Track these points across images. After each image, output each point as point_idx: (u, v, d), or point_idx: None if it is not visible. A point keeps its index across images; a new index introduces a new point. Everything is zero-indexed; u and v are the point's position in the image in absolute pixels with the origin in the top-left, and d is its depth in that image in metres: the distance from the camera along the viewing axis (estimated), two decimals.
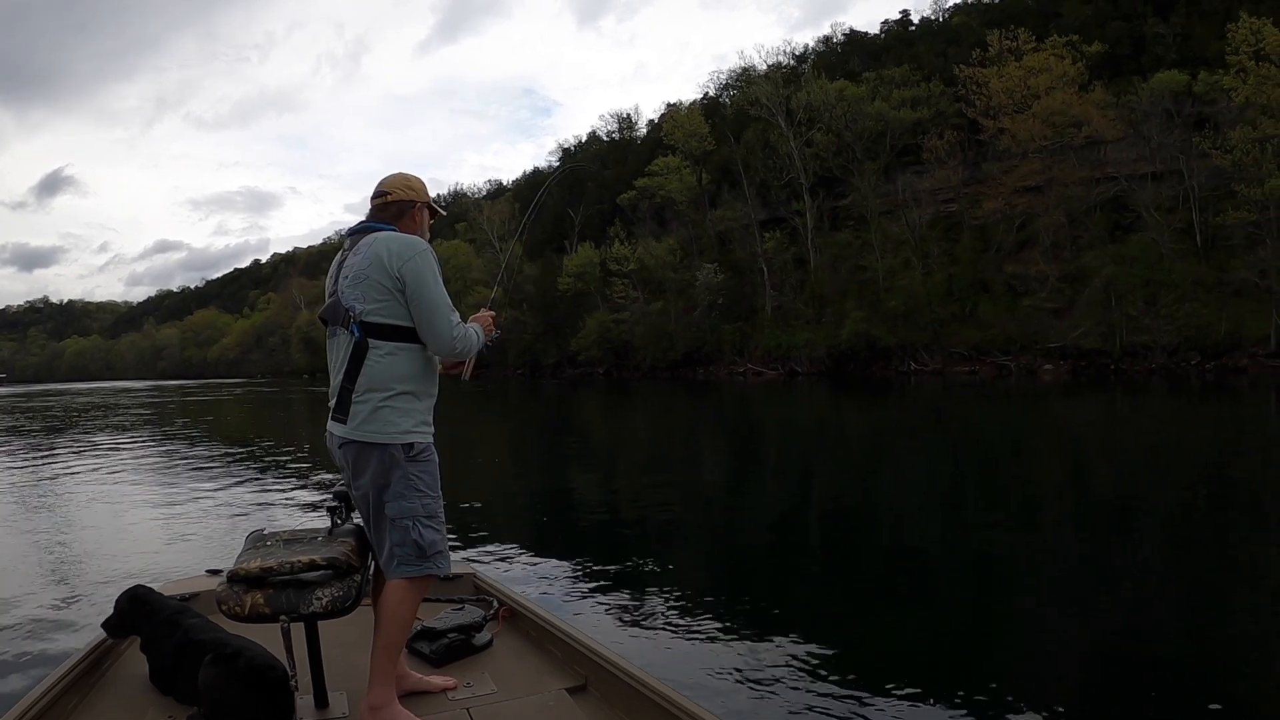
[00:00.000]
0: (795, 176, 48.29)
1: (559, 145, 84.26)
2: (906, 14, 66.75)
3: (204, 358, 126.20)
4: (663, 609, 4.83)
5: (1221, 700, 3.50)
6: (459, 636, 2.81)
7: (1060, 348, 37.32)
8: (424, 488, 2.37)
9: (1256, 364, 33.12)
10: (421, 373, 2.44)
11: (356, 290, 2.37)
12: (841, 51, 63.41)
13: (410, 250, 2.38)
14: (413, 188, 2.61)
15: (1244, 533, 6.96)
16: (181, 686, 2.44)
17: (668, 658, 4.01)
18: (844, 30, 66.18)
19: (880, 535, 7.31)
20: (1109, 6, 50.50)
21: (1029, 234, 40.99)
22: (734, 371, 47.78)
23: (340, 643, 2.71)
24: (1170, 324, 35.39)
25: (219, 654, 2.32)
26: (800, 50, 63.53)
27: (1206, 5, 44.28)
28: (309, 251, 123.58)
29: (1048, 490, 9.51)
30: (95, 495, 9.82)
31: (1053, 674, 3.93)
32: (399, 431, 2.34)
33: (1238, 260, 34.95)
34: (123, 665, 2.78)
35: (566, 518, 8.36)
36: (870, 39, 64.90)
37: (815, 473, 11.63)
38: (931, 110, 45.83)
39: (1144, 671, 3.90)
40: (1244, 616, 4.77)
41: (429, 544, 2.34)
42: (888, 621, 4.76)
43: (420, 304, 2.35)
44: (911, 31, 63.62)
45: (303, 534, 2.52)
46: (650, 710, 2.24)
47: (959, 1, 61.00)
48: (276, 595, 2.22)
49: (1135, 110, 38.80)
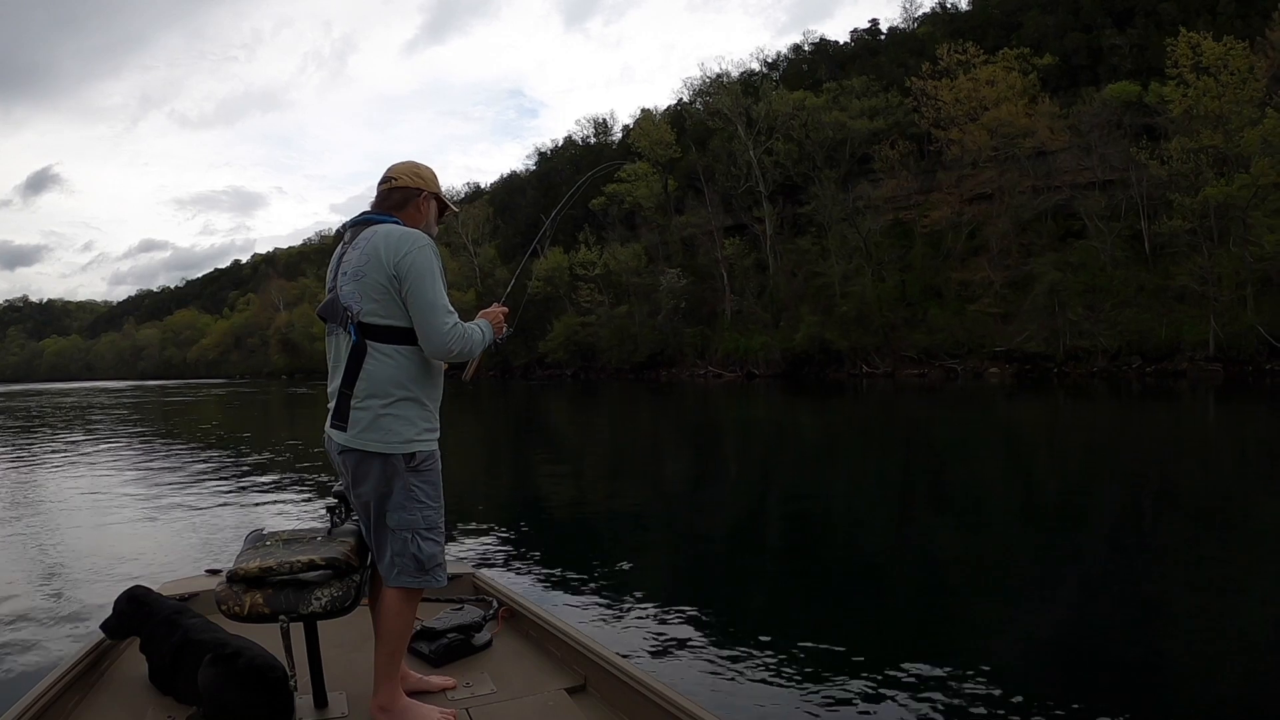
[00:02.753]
0: (754, 185, 49.18)
1: (536, 149, 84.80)
2: (875, 23, 68.02)
3: (183, 358, 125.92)
4: (662, 609, 4.83)
5: (1163, 690, 3.72)
6: (458, 636, 2.81)
7: (1006, 351, 38.37)
8: (425, 498, 2.32)
9: (1195, 368, 34.00)
10: (424, 376, 2.34)
11: (354, 288, 2.28)
12: (811, 60, 64.47)
13: (408, 244, 2.26)
14: (421, 176, 2.48)
15: (1180, 528, 7.27)
16: (181, 686, 2.43)
17: (667, 658, 4.03)
18: (814, 39, 67.26)
19: (861, 536, 7.36)
20: (1070, 18, 51.61)
21: (980, 241, 41.99)
22: (695, 373, 48.76)
23: (339, 643, 2.70)
24: (1112, 329, 36.36)
25: (218, 654, 2.32)
26: (772, 58, 64.64)
27: (1164, 16, 45.36)
28: (289, 252, 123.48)
29: (994, 489, 9.74)
30: (92, 495, 9.70)
31: (1006, 664, 4.03)
32: (401, 441, 2.27)
33: (1180, 266, 35.93)
34: (122, 665, 2.77)
35: (563, 518, 8.36)
36: (840, 48, 65.98)
37: (786, 474, 11.80)
38: (889, 120, 46.78)
39: (1088, 661, 4.04)
40: (1182, 609, 4.97)
41: (427, 557, 2.31)
42: (887, 621, 4.84)
43: (415, 303, 2.24)
44: (880, 40, 64.77)
45: (302, 534, 2.51)
46: (649, 710, 2.24)
47: (928, 11, 62.25)
48: (276, 595, 2.23)
49: (1082, 121, 39.80)
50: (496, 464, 13.91)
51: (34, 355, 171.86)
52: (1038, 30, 50.87)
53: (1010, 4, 55.25)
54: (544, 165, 76.17)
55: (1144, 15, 47.62)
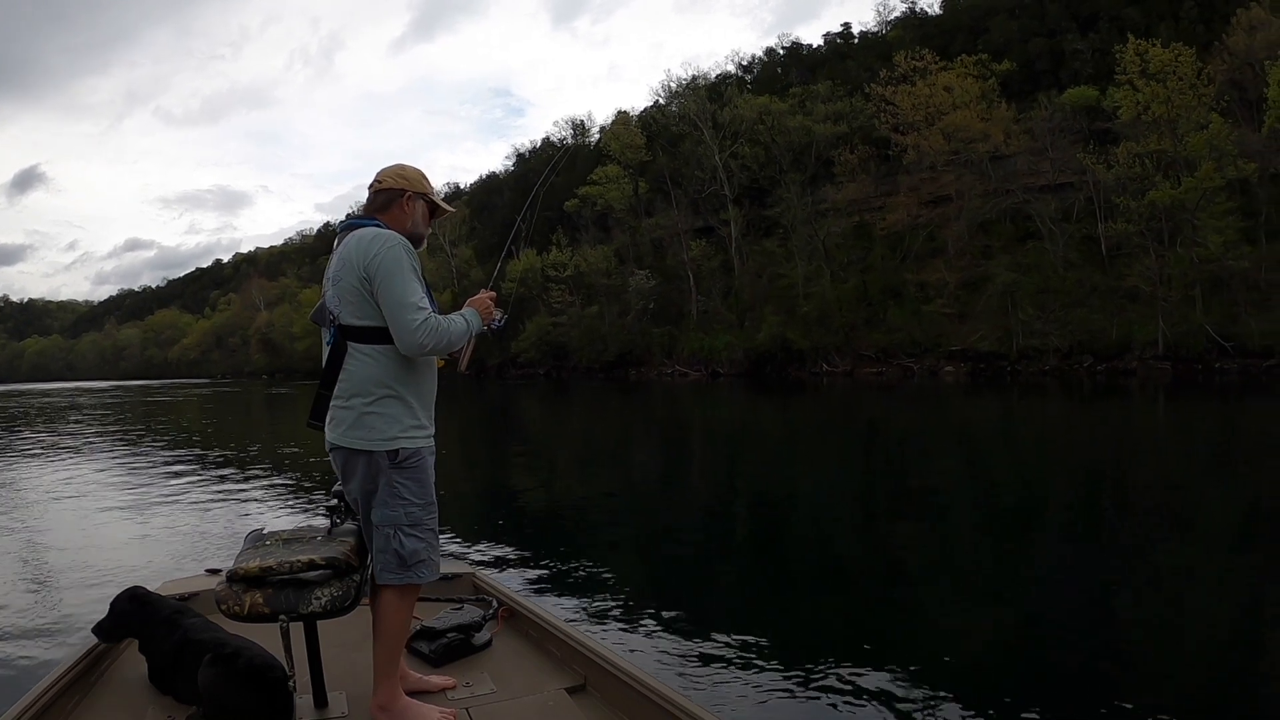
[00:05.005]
0: (719, 188, 49.95)
1: (514, 150, 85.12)
2: (848, 26, 68.79)
3: (165, 358, 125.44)
4: (662, 608, 4.86)
5: (1117, 682, 3.77)
6: (458, 636, 2.83)
7: (961, 350, 39.19)
8: (409, 495, 2.32)
9: (1145, 366, 34.84)
10: (407, 374, 2.35)
11: (334, 292, 2.33)
12: (784, 64, 65.20)
13: (378, 245, 2.28)
14: (405, 176, 2.50)
15: (1130, 523, 7.47)
16: (181, 686, 2.44)
17: (667, 657, 4.04)
18: (787, 43, 67.99)
19: (848, 536, 7.46)
20: (1035, 22, 52.49)
21: (940, 243, 42.79)
22: (662, 372, 49.52)
23: (339, 642, 2.70)
24: (1063, 328, 37.21)
25: (218, 654, 2.33)
26: (747, 61, 65.38)
27: (1127, 21, 46.21)
28: (270, 252, 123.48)
29: (951, 485, 9.92)
30: (90, 496, 9.64)
31: (966, 660, 4.16)
32: (384, 438, 2.30)
33: (1131, 268, 36.75)
34: (122, 665, 2.77)
35: (562, 518, 8.37)
36: (813, 51, 66.69)
37: (766, 473, 11.82)
38: (853, 125, 47.58)
39: (1044, 653, 4.18)
40: (1134, 602, 5.11)
41: (409, 553, 2.31)
42: (881, 619, 4.92)
43: (385, 300, 2.26)
44: (853, 44, 65.49)
45: (302, 533, 2.52)
46: (649, 710, 2.25)
47: (899, 15, 63.06)
48: (276, 595, 2.23)
49: (1036, 125, 40.62)
50: (487, 463, 13.86)
51: (15, 355, 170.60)
52: (1003, 35, 51.75)
53: (978, 9, 56.17)
54: (522, 166, 76.47)
55: (1108, 20, 48.46)
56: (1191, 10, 46.53)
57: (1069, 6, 51.28)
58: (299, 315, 79.21)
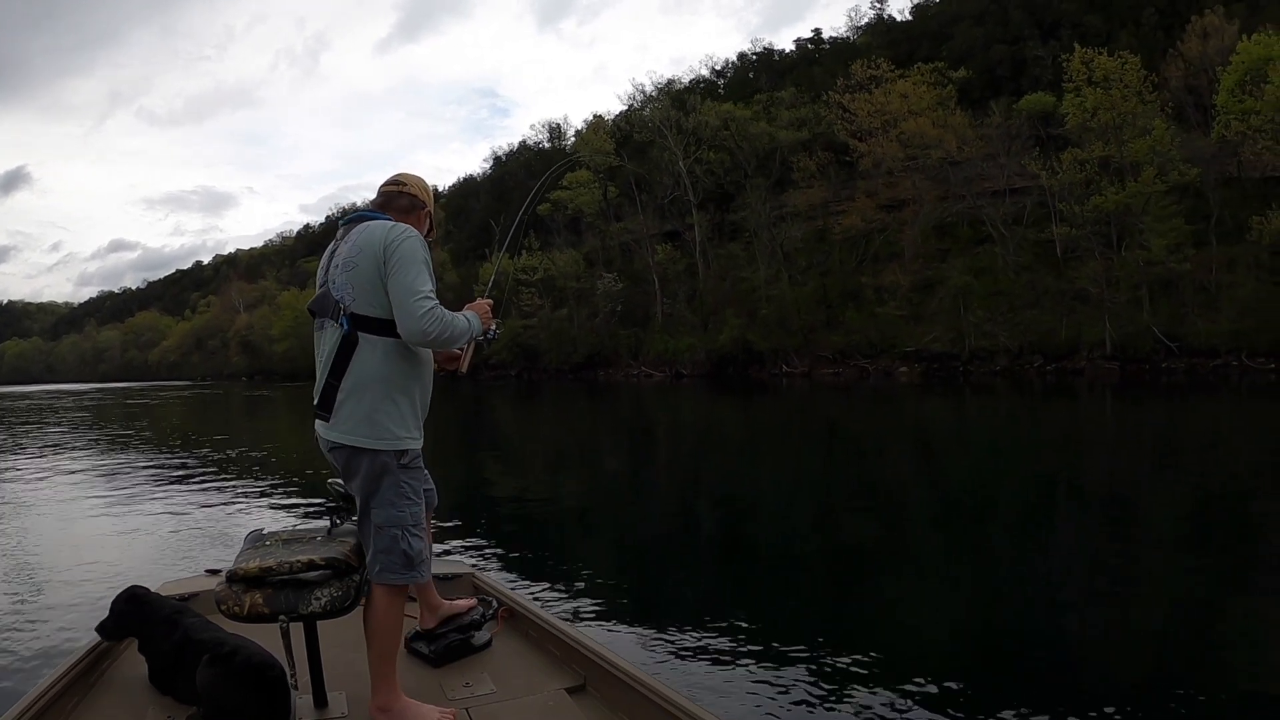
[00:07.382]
0: (683, 194, 50.81)
1: (492, 152, 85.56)
2: (819, 32, 69.77)
3: (145, 360, 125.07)
4: (661, 609, 4.90)
5: (1067, 673, 3.89)
6: (458, 636, 2.82)
7: (915, 351, 40.11)
8: (413, 495, 2.33)
9: (1093, 366, 35.73)
10: (414, 371, 2.34)
11: (345, 279, 2.28)
12: (755, 69, 66.09)
13: (396, 233, 2.27)
14: (425, 191, 2.57)
15: (1079, 517, 7.75)
16: (180, 686, 2.43)
17: (666, 657, 4.06)
18: (759, 49, 68.86)
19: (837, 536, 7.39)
20: (999, 29, 53.55)
21: (898, 246, 43.67)
22: (629, 374, 50.46)
23: (339, 643, 2.69)
24: (1013, 329, 38.15)
25: (217, 653, 2.32)
26: (720, 65, 66.22)
27: (1089, 29, 47.24)
28: (250, 254, 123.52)
29: (906, 482, 10.16)
30: (89, 497, 9.63)
31: (923, 654, 4.26)
32: (393, 438, 2.28)
33: (1079, 271, 37.64)
34: (122, 665, 2.76)
35: (560, 518, 8.41)
36: (784, 57, 67.61)
37: (739, 473, 11.95)
38: (814, 131, 48.51)
39: (997, 646, 4.32)
40: (1083, 594, 5.27)
41: (416, 553, 2.32)
42: (878, 618, 5.00)
43: (394, 285, 2.22)
44: (822, 50, 66.40)
45: (302, 534, 2.52)
46: (649, 710, 2.25)
47: (868, 22, 64.09)
48: (275, 595, 2.24)
49: (991, 131, 41.54)
50: (474, 463, 13.83)
51: None
52: (967, 41, 52.78)
53: (945, 15, 57.23)
54: (498, 169, 76.85)
55: (1070, 27, 49.39)
56: (1152, 17, 47.68)
57: (1033, 13, 52.38)
58: (278, 318, 79.55)
